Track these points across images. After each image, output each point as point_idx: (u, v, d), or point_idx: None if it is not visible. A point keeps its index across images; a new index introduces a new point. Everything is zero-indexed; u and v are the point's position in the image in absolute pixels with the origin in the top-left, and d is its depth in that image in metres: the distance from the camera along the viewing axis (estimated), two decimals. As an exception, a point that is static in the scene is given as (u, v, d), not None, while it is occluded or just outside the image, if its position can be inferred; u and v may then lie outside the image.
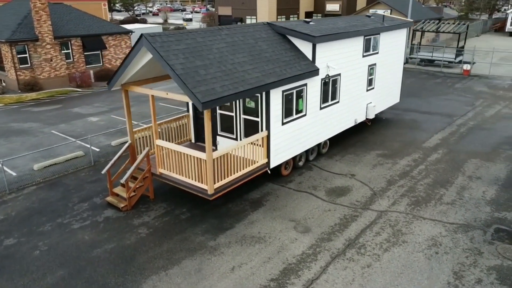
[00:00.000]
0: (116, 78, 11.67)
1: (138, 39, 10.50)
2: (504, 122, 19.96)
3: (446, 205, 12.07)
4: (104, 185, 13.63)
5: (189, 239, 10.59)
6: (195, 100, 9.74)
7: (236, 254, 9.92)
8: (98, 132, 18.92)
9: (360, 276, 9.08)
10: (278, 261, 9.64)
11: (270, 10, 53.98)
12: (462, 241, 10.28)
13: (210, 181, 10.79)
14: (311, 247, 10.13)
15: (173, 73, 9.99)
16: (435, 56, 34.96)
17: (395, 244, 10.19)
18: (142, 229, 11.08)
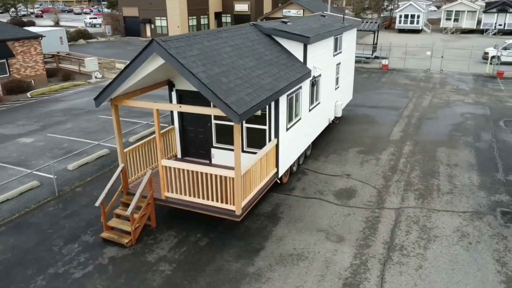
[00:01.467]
0: (110, 92, 9.84)
1: (147, 45, 8.93)
2: (441, 111, 21.93)
3: (447, 194, 12.69)
4: (87, 219, 11.51)
5: (224, 269, 9.40)
6: (230, 113, 8.62)
7: (286, 278, 9.08)
8: (41, 155, 16.07)
9: (419, 279, 8.98)
10: (333, 277, 9.07)
11: (181, 11, 52.10)
12: (483, 229, 10.85)
13: (238, 201, 9.72)
14: (356, 257, 9.75)
15: (198, 82, 8.70)
16: (356, 53, 37.14)
17: (430, 241, 10.33)
18: (163, 265, 9.54)
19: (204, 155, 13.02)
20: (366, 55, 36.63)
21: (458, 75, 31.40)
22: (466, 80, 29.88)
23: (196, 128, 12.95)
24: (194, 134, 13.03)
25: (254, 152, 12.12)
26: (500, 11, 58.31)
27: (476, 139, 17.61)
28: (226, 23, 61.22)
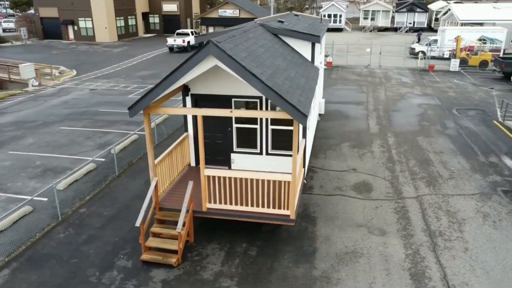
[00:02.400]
0: (151, 98, 8.94)
1: (202, 47, 8.27)
2: (400, 104, 23.57)
3: (450, 180, 13.71)
4: (112, 242, 10.35)
5: (289, 276, 9.11)
6: (297, 114, 8.36)
7: (354, 276, 9.09)
8: (15, 175, 14.05)
9: (471, 260, 9.59)
10: (398, 270, 9.29)
11: (108, 11, 48.91)
12: (497, 207, 11.93)
13: (293, 205, 9.48)
14: (406, 247, 10.10)
15: (262, 85, 8.31)
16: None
17: (460, 224, 11.08)
18: (225, 281, 8.95)
19: (222, 161, 12.45)
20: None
21: (396, 70, 33.94)
22: (405, 74, 32.44)
23: (213, 133, 12.32)
24: (211, 140, 12.38)
25: (279, 154, 11.90)
26: (409, 11, 64.22)
27: (444, 127, 19.24)
28: (154, 24, 58.96)
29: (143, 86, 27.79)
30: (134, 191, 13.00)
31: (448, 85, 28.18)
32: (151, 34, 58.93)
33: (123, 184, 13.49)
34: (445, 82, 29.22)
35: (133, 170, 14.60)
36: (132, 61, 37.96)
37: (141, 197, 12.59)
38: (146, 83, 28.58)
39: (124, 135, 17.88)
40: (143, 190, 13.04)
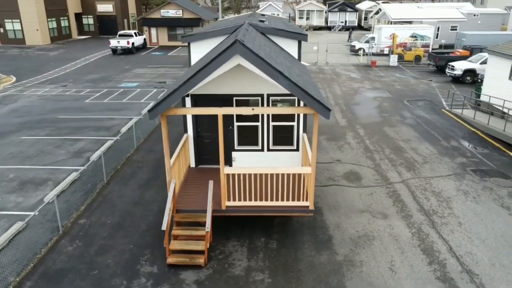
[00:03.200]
0: (171, 101, 8.82)
1: (229, 46, 8.37)
2: (357, 97, 25.06)
3: (425, 164, 15.04)
4: (127, 250, 10.03)
5: (316, 263, 9.54)
6: (321, 109, 8.82)
7: (374, 257, 9.77)
8: (-10, 192, 12.92)
9: (467, 232, 10.74)
10: (410, 247, 10.14)
11: (38, 12, 45.51)
12: (473, 185, 13.36)
13: (312, 196, 9.93)
14: (409, 227, 11.02)
15: (288, 82, 8.64)
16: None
17: (448, 202, 12.28)
18: (257, 275, 9.14)
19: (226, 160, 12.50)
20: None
21: (342, 66, 35.81)
22: (351, 70, 34.37)
23: (213, 133, 12.36)
24: (210, 140, 12.41)
25: (279, 149, 12.28)
26: (340, 11, 67.72)
27: (402, 117, 20.89)
28: (89, 25, 56.01)
29: (97, 90, 26.51)
30: (131, 198, 12.60)
31: (392, 79, 30.41)
32: (85, 36, 55.90)
33: (117, 191, 13.00)
34: (389, 76, 31.47)
35: (121, 176, 14.09)
36: (75, 65, 35.86)
37: (141, 203, 12.29)
38: (99, 87, 27.29)
39: (98, 142, 17.10)
40: (139, 196, 12.70)
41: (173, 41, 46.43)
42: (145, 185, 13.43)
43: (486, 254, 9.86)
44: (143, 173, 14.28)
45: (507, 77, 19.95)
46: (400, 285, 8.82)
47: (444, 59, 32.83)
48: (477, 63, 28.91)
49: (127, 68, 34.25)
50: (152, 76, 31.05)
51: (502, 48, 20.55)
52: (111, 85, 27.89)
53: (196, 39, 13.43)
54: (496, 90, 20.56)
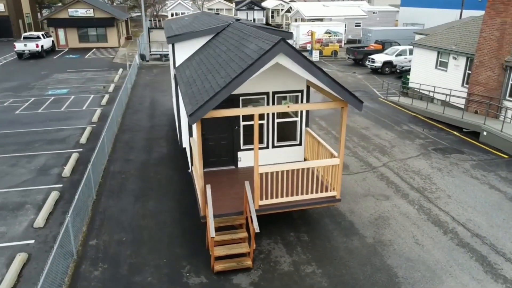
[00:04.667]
0: (214, 103, 8.52)
1: (273, 46, 8.37)
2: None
3: (393, 147, 16.57)
4: (162, 264, 9.44)
5: (353, 248, 10.09)
6: (356, 103, 9.39)
7: (399, 235, 10.64)
8: (-43, 225, 10.96)
9: (457, 202, 12.24)
10: (422, 221, 11.24)
11: None
12: (441, 162, 15.15)
13: (340, 185, 10.44)
14: (411, 204, 12.18)
15: (328, 79, 9.00)
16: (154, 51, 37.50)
17: (429, 179, 13.79)
18: (306, 268, 9.36)
19: (227, 161, 12.35)
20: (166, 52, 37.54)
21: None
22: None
23: (218, 134, 12.11)
24: (215, 141, 12.14)
25: (283, 145, 12.54)
26: (248, 9, 69.34)
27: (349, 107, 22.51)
28: (-25, 27, 48.96)
29: (22, 99, 23.57)
30: (134, 211, 11.76)
31: (322, 73, 32.36)
32: (-29, 39, 48.81)
33: (114, 206, 12.00)
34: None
35: (109, 190, 13.00)
36: (-23, 73, 31.27)
37: (148, 215, 11.57)
38: (23, 96, 24.31)
39: (59, 156, 15.43)
40: (142, 208, 11.92)
41: (85, 43, 43.04)
42: (142, 196, 12.61)
43: (482, 219, 11.42)
44: (132, 184, 13.36)
45: (433, 67, 22.78)
46: (432, 256, 9.83)
47: (362, 52, 35.97)
48: (393, 55, 32.27)
49: (44, 73, 30.95)
50: (80, 81, 28.59)
51: (427, 41, 23.36)
52: (36, 93, 25.02)
53: (180, 39, 13.02)
54: (423, 79, 23.34)
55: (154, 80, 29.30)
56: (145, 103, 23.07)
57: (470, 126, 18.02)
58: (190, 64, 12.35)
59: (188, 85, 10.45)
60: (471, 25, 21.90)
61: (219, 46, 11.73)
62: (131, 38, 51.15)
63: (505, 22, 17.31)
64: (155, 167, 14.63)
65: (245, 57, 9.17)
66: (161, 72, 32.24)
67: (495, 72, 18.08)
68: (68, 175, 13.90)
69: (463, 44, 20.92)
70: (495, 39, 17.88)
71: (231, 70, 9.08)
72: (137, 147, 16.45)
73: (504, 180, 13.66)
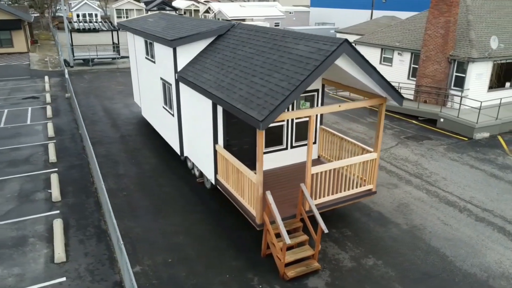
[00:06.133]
0: (283, 107, 8.28)
1: (337, 47, 8.42)
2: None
3: (371, 139, 17.68)
4: (228, 280, 8.91)
5: (395, 235, 10.65)
6: (398, 98, 9.88)
7: (425, 218, 11.50)
8: None
9: (455, 183, 13.61)
10: (437, 203, 12.28)
11: None
12: (420, 148, 16.61)
13: (376, 179, 10.93)
14: (419, 189, 13.20)
15: (379, 77, 9.35)
16: (100, 55, 34.84)
17: (419, 164, 15.05)
18: (367, 261, 9.65)
19: (249, 166, 11.96)
20: (113, 56, 35.31)
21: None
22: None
23: (241, 140, 11.72)
24: (238, 147, 11.74)
25: (300, 145, 12.64)
26: (159, 9, 67.06)
27: (309, 104, 23.39)
28: None
29: None
30: (161, 229, 10.81)
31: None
32: None
33: (134, 227, 10.87)
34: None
35: (118, 210, 11.74)
36: None
37: (180, 231, 10.78)
38: None
39: (33, 178, 13.47)
40: (167, 225, 11.05)
41: (-14, 49, 37.58)
42: (159, 212, 11.65)
43: (480, 195, 12.90)
44: (140, 201, 12.26)
45: (378, 62, 24.74)
46: (463, 233, 10.85)
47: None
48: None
49: (-50, 86, 26.40)
50: (1, 93, 24.98)
51: (370, 39, 25.25)
52: None
53: (182, 43, 12.36)
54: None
55: (92, 87, 26.91)
56: (98, 113, 21.12)
57: (427, 115, 20.05)
58: (203, 67, 11.73)
59: (225, 90, 9.96)
60: (408, 23, 24.27)
61: (240, 49, 11.31)
62: (37, 42, 46.00)
63: (449, 21, 19.59)
64: (154, 179, 13.59)
65: (298, 58, 9.09)
66: (95, 78, 29.71)
67: (442, 65, 20.36)
68: (60, 199, 12.23)
69: (406, 41, 23.10)
70: (440, 36, 20.11)
71: (287, 72, 8.93)
72: (121, 161, 15.07)
73: (477, 160, 15.57)
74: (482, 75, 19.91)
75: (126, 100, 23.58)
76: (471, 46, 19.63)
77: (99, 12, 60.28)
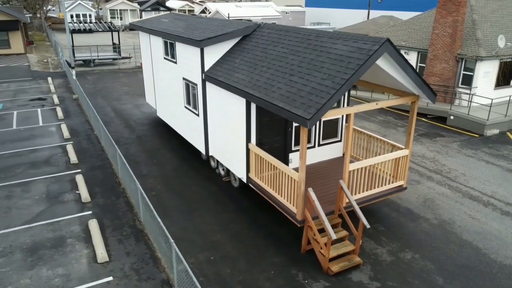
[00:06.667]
0: (330, 105, 8.46)
1: (380, 46, 8.63)
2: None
3: (385, 136, 17.98)
4: (269, 277, 9.06)
5: (427, 230, 10.91)
6: (431, 96, 10.13)
7: (452, 212, 11.80)
8: None
9: (475, 178, 13.95)
10: (461, 198, 12.60)
11: None
12: (434, 145, 16.96)
13: (407, 174, 11.19)
14: (442, 185, 13.52)
15: (415, 75, 9.60)
16: (101, 56, 34.62)
17: (437, 161, 15.38)
18: (405, 254, 9.88)
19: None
20: (114, 56, 35.11)
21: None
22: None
23: (272, 138, 11.86)
24: (269, 145, 11.88)
25: (327, 143, 12.84)
26: (154, 10, 66.78)
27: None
28: None
29: (-49, 120, 19.57)
30: (197, 228, 10.90)
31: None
32: None
33: (171, 226, 10.95)
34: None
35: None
36: None
37: (217, 230, 10.89)
38: None
39: (57, 180, 13.42)
40: (203, 223, 11.15)
41: (-18, 50, 36.99)
42: (191, 211, 11.71)
43: (501, 189, 13.26)
44: (170, 200, 12.31)
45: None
46: (490, 226, 11.17)
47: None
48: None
49: (-48, 88, 25.99)
50: (6, 94, 24.70)
51: (375, 39, 25.55)
52: None
53: (210, 43, 12.46)
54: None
55: (97, 88, 26.76)
56: (109, 114, 21.05)
57: (437, 112, 20.44)
58: (233, 67, 11.84)
59: (262, 89, 10.09)
60: (413, 23, 24.69)
61: (272, 48, 11.42)
62: (32, 43, 45.42)
63: (457, 20, 20.01)
64: (179, 179, 13.65)
65: (338, 58, 9.27)
66: (98, 79, 29.53)
67: (450, 64, 20.78)
68: (90, 200, 12.22)
69: (411, 40, 23.50)
70: (448, 35, 20.53)
71: (329, 71, 9.11)
72: (141, 161, 15.09)
73: (492, 155, 15.98)
74: (489, 73, 20.38)
75: (135, 101, 23.52)
76: (478, 45, 20.08)
77: (93, 13, 59.74)
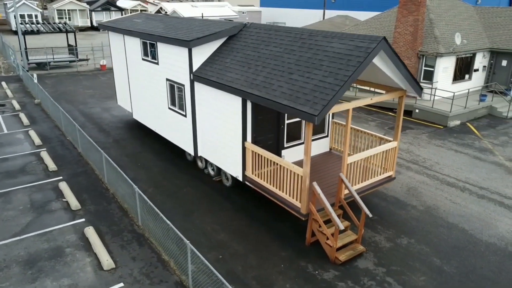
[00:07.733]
0: (334, 102, 8.80)
1: (378, 44, 9.09)
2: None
3: (360, 131, 18.74)
4: (280, 271, 9.29)
5: (418, 215, 11.61)
6: (418, 90, 10.80)
7: (436, 198, 12.63)
8: None
9: (454, 168, 14.97)
10: (440, 185, 13.50)
11: None
12: (405, 137, 17.95)
13: (395, 165, 11.84)
14: (419, 173, 14.38)
15: (406, 72, 10.19)
16: (56, 58, 32.95)
17: (412, 151, 16.32)
18: (412, 242, 10.48)
19: (272, 161, 12.40)
20: (71, 58, 33.58)
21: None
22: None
23: (266, 135, 12.04)
24: (263, 143, 12.05)
25: (316, 139, 13.24)
26: (104, 10, 64.58)
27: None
28: None
29: None
30: (200, 229, 10.87)
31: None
32: None
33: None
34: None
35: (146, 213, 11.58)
36: None
37: (218, 229, 10.93)
38: None
39: (37, 189, 12.79)
40: (204, 223, 11.14)
41: None
42: (189, 213, 11.66)
43: (473, 176, 14.35)
44: (164, 203, 12.15)
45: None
46: (472, 209, 12.09)
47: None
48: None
49: None
50: (-41, 101, 22.98)
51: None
52: None
53: (198, 43, 12.47)
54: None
55: (59, 92, 25.54)
56: (78, 118, 20.21)
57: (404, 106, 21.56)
58: (225, 67, 11.89)
59: (262, 88, 10.25)
60: (374, 23, 25.85)
61: (263, 48, 11.58)
62: (-27, 46, 42.29)
63: (417, 19, 21.26)
64: (169, 181, 13.49)
65: (337, 56, 9.65)
66: (58, 83, 28.18)
67: (412, 60, 22.03)
68: (80, 207, 11.78)
69: (374, 38, 24.58)
70: (409, 34, 21.76)
71: (329, 69, 9.46)
72: (125, 165, 14.71)
73: (458, 145, 17.21)
74: (447, 69, 21.86)
75: (103, 104, 22.76)
76: (437, 42, 21.47)
77: (39, 13, 56.59)
